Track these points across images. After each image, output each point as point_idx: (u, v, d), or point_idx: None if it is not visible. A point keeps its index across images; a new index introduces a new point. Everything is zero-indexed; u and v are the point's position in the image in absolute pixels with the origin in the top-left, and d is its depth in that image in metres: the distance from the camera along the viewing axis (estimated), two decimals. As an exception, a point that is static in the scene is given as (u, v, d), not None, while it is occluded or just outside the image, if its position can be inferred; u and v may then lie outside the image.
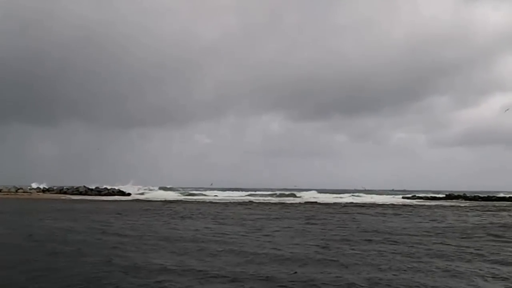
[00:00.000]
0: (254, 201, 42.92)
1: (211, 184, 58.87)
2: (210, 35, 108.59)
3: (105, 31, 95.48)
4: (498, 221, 20.77)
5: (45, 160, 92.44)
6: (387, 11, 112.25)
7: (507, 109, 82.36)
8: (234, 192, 62.25)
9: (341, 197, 51.84)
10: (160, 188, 61.53)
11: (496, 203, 43.83)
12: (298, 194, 56.27)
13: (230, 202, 39.48)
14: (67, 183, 55.64)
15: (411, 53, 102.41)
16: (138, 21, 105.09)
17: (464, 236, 14.45)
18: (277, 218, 21.68)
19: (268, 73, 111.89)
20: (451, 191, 60.40)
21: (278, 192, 58.76)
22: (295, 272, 8.33)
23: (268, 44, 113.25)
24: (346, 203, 41.03)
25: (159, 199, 43.45)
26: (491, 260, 10.03)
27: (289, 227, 16.92)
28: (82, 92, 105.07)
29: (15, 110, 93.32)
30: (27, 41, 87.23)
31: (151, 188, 60.03)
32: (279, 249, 11.08)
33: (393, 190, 67.58)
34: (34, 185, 53.11)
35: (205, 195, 55.79)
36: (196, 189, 66.85)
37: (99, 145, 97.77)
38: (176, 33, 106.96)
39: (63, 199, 42.41)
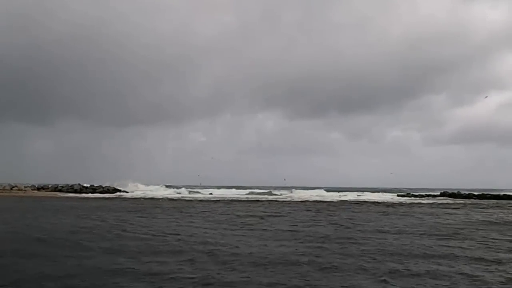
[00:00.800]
0: (251, 199, 42.98)
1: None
2: (208, 32, 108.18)
3: (102, 28, 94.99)
4: (485, 219, 20.84)
5: (42, 158, 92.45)
6: (385, 9, 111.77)
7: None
8: (231, 189, 62.07)
9: (345, 195, 51.70)
10: (157, 186, 61.31)
11: (491, 201, 43.82)
12: (297, 192, 56.08)
13: (224, 200, 39.53)
14: (66, 181, 55.61)
15: (408, 51, 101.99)
16: (136, 19, 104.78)
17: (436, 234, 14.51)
18: (264, 217, 21.72)
19: (265, 71, 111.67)
20: (446, 188, 60.41)
21: (278, 192, 58.08)
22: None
23: (266, 42, 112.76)
24: (339, 200, 41.14)
25: (147, 197, 43.66)
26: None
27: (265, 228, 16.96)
28: (78, 90, 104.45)
29: (11, 108, 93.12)
30: (24, 38, 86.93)
31: (147, 186, 59.93)
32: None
33: (385, 188, 67.54)
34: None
35: (200, 193, 55.61)
36: (194, 187, 66.67)
37: (97, 142, 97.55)
38: (174, 30, 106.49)
39: (56, 197, 42.45)
